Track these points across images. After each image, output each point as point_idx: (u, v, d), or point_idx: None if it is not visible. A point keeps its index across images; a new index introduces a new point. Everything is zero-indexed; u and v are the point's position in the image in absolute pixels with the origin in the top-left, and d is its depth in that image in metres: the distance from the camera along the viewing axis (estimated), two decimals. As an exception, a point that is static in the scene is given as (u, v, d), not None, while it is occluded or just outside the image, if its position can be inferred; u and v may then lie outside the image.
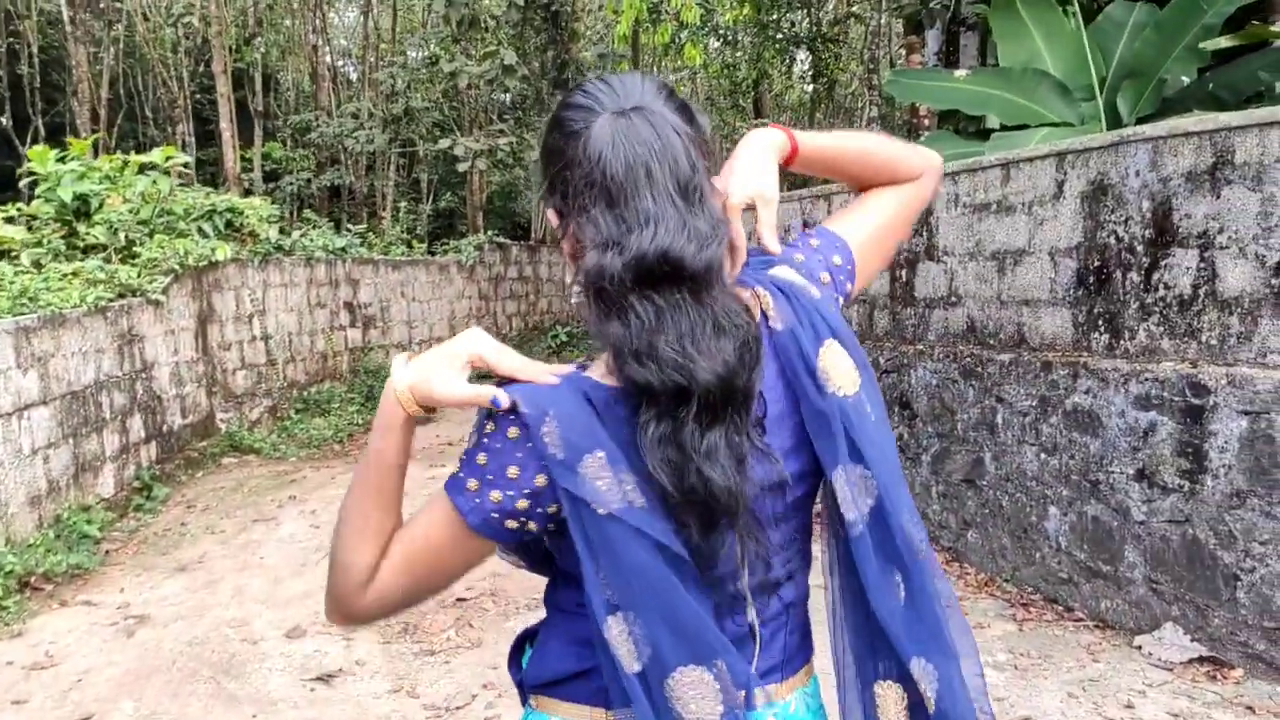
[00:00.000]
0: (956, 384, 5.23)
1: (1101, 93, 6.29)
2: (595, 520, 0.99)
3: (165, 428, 7.67)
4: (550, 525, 1.05)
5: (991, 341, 5.10)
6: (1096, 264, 4.44)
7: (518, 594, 4.76)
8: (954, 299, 5.37)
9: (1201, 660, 3.85)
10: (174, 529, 6.29)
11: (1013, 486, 4.83)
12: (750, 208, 1.16)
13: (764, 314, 1.09)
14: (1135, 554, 4.17)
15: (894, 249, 1.33)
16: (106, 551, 5.71)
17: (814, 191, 6.87)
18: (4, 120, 26.02)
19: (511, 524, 1.04)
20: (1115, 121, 6.15)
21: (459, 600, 4.75)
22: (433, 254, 14.90)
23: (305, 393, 10.52)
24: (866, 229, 1.25)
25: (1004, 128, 6.39)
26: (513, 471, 1.02)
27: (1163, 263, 4.12)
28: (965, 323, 5.29)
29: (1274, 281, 3.74)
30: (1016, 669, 3.89)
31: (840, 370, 1.07)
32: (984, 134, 6.53)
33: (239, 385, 9.38)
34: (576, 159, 1.03)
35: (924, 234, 5.58)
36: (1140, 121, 5.89)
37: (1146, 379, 4.11)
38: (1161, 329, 4.14)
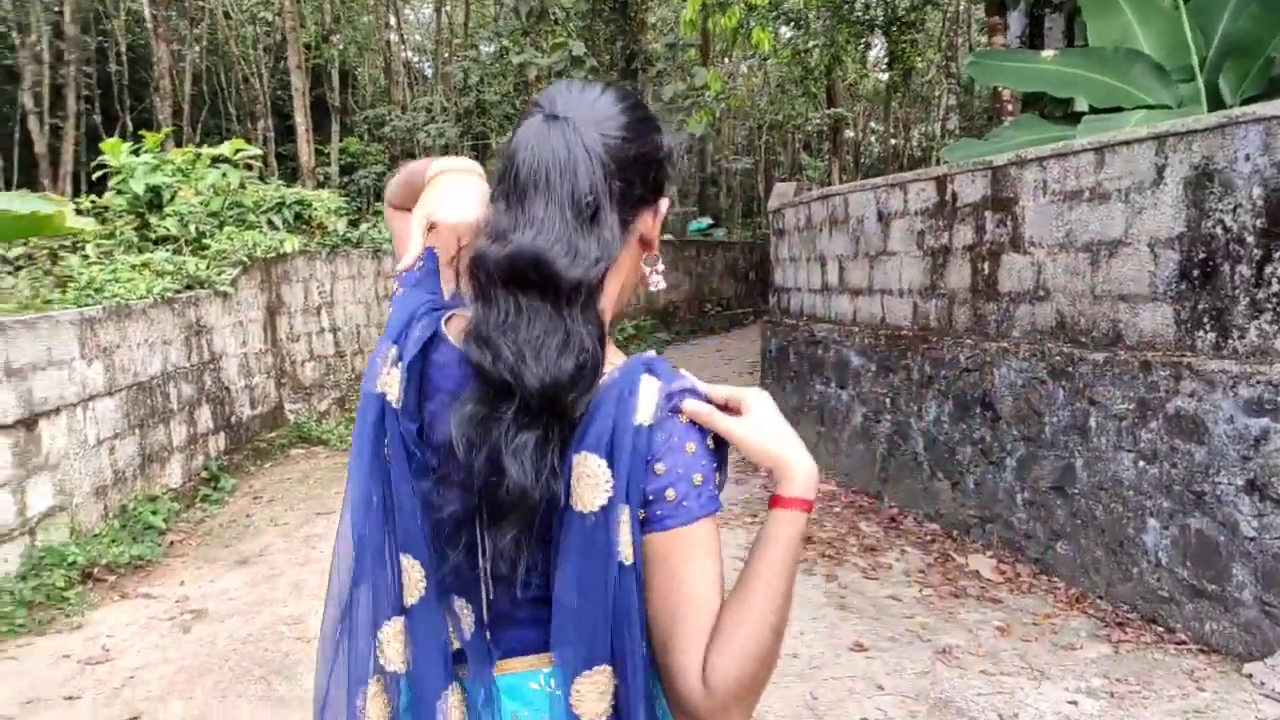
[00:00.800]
0: (1044, 384, 4.89)
1: (1202, 73, 5.85)
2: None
3: (234, 418, 7.71)
4: None
5: (1083, 339, 4.75)
6: (1201, 256, 4.08)
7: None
8: (1041, 293, 5.03)
9: (1321, 692, 3.50)
10: (239, 520, 6.28)
11: (1107, 496, 4.50)
12: None
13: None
14: (1245, 573, 3.81)
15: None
16: (170, 542, 5.71)
17: (889, 180, 6.56)
18: (95, 118, 26.85)
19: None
20: (1217, 103, 5.71)
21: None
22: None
23: (372, 385, 10.52)
24: (651, 582, 1.06)
25: (1094, 110, 5.99)
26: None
27: (1276, 255, 3.75)
28: (1054, 319, 4.95)
29: None
30: (1113, 696, 3.58)
31: (587, 484, 1.03)
32: (1073, 118, 6.14)
33: (307, 377, 9.42)
34: (503, 152, 1.10)
35: (1009, 224, 5.24)
36: (1246, 103, 5.45)
37: (1258, 382, 3.75)
38: (1275, 327, 3.77)
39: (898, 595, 4.67)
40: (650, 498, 1.03)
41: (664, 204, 1.17)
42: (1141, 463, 4.30)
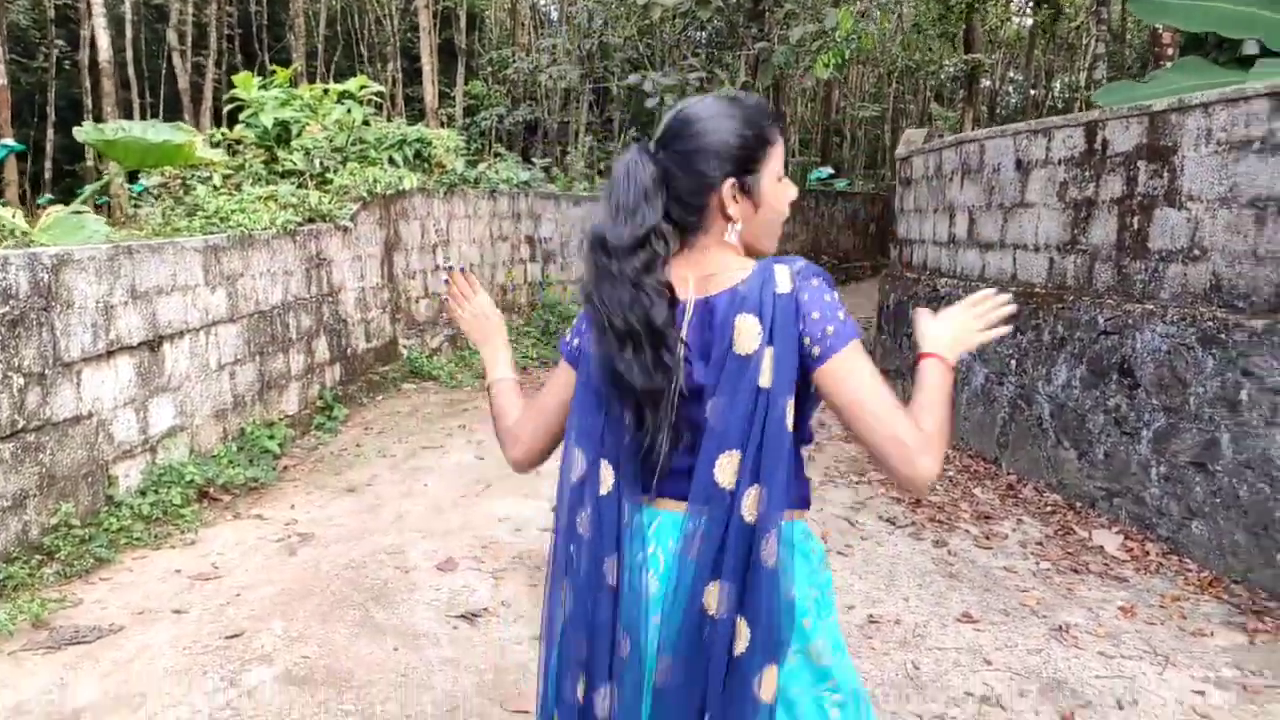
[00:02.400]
0: (1193, 351, 4.50)
1: (1403, 10, 5.21)
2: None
3: (349, 351, 7.88)
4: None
5: (1240, 304, 4.33)
6: (1392, 214, 3.62)
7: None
8: (1196, 252, 4.61)
9: None
10: (349, 450, 6.43)
11: (1254, 475, 4.11)
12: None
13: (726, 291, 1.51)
14: None
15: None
16: (284, 467, 5.88)
17: (1031, 126, 6.11)
18: (235, 57, 27.82)
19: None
20: None
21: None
22: (614, 190, 14.73)
23: (485, 324, 10.63)
24: (837, 402, 1.45)
25: (1265, 52, 5.41)
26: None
27: None
28: (1209, 280, 4.53)
29: None
30: (1245, 689, 3.28)
31: (744, 335, 1.45)
32: (1244, 62, 5.57)
33: (421, 313, 9.56)
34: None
35: (1164, 175, 4.80)
36: None
37: None
38: None
39: (1012, 567, 4.42)
40: (816, 336, 1.43)
41: (728, 184, 1.52)
42: (1299, 441, 3.90)
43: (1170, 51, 8.09)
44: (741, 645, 1.43)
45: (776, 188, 1.58)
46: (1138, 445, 4.82)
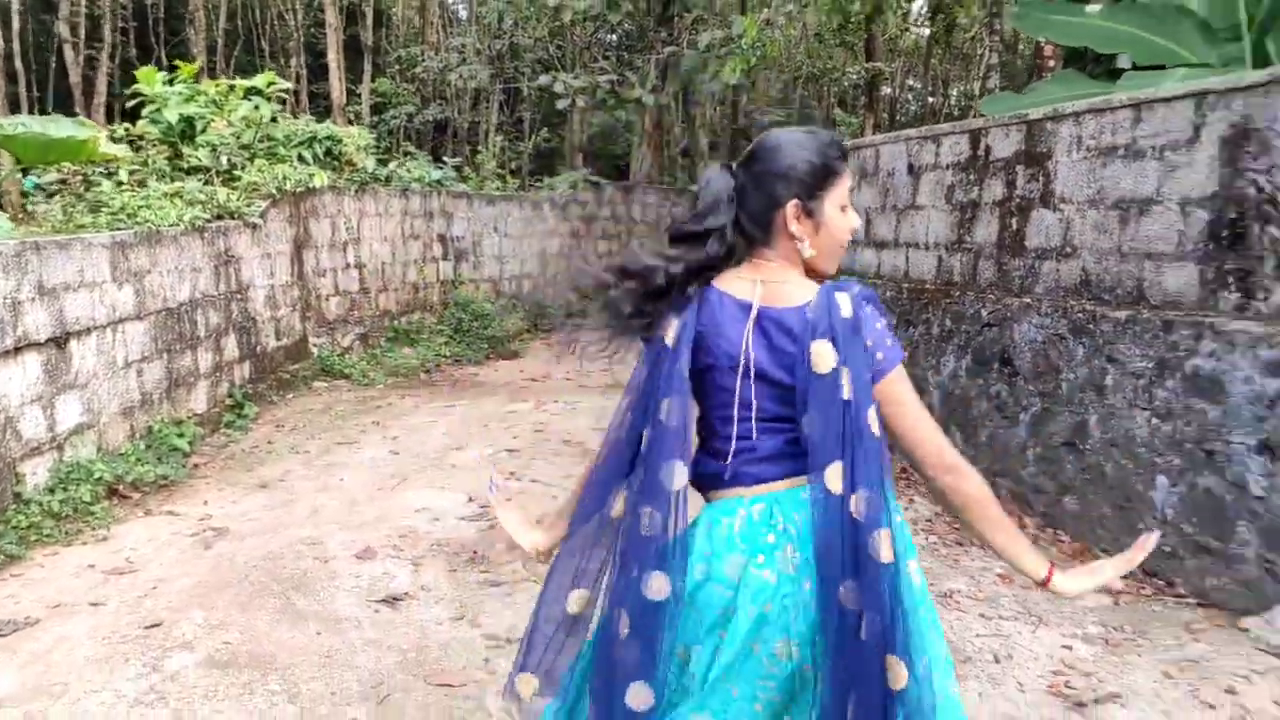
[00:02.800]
0: (1065, 340, 4.88)
1: (1250, 31, 5.72)
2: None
3: (259, 349, 7.83)
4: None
5: (1106, 297, 4.73)
6: (1232, 216, 4.03)
7: (588, 532, 4.68)
8: (1068, 250, 5.00)
9: (1318, 650, 3.53)
10: (261, 446, 6.42)
11: (1119, 452, 4.51)
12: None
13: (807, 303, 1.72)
14: (1250, 531, 3.83)
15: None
16: (194, 465, 5.86)
17: (922, 133, 6.49)
18: (129, 50, 26.87)
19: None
20: (1263, 63, 5.60)
21: (528, 534, 4.70)
22: (523, 190, 14.84)
23: (396, 322, 10.64)
24: (889, 416, 1.72)
25: (1136, 68, 5.88)
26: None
27: (1309, 215, 3.71)
28: (1079, 276, 4.92)
29: None
30: (1108, 644, 3.63)
31: (822, 357, 1.65)
32: (1116, 74, 6.03)
33: (332, 311, 9.52)
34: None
35: (1040, 180, 5.20)
36: (1292, 64, 5.34)
37: (1278, 343, 3.74)
38: (1302, 288, 3.75)
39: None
40: (870, 361, 1.65)
41: (792, 205, 1.73)
42: (1155, 420, 4.30)
43: (1052, 64, 8.65)
44: (864, 633, 1.61)
45: (839, 216, 1.77)
46: (1017, 429, 5.20)
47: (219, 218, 7.20)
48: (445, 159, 14.30)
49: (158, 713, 3.00)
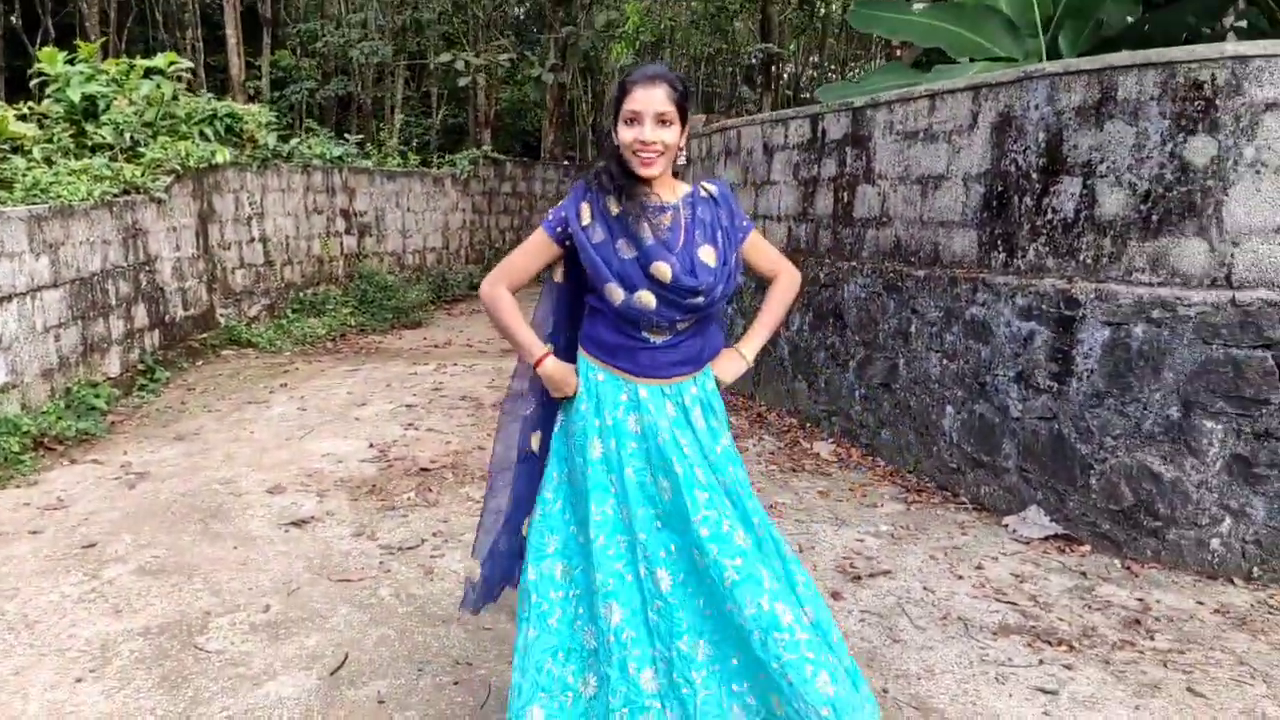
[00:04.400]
0: (881, 297, 5.75)
1: (1045, 31, 6.66)
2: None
3: (168, 318, 8.26)
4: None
5: (913, 259, 5.60)
6: (1000, 189, 4.92)
7: (476, 468, 5.38)
8: (885, 219, 5.86)
9: (1056, 537, 4.45)
10: (174, 406, 6.91)
11: (919, 389, 5.39)
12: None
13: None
14: (1010, 446, 4.74)
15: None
16: (112, 422, 6.33)
17: (772, 117, 7.29)
18: (14, 20, 26.09)
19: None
20: (1056, 57, 6.53)
21: (422, 470, 5.37)
22: (426, 165, 15.27)
23: (301, 294, 11.08)
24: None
25: (946, 60, 6.77)
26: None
27: (1052, 189, 4.60)
28: (893, 241, 5.78)
29: (1142, 208, 4.22)
30: (893, 537, 4.50)
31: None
32: (928, 67, 6.92)
33: (238, 283, 9.94)
34: None
35: (864, 159, 6.04)
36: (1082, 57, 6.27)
37: (1030, 293, 4.63)
38: (1047, 249, 4.64)
39: (747, 470, 5.54)
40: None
41: (611, 119, 2.26)
42: (945, 360, 5.19)
43: (899, 53, 9.55)
44: None
45: (623, 127, 2.19)
46: (846, 374, 6.07)
47: (125, 193, 7.59)
48: (348, 135, 14.64)
49: (100, 606, 3.60)
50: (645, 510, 2.28)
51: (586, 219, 2.27)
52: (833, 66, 34.68)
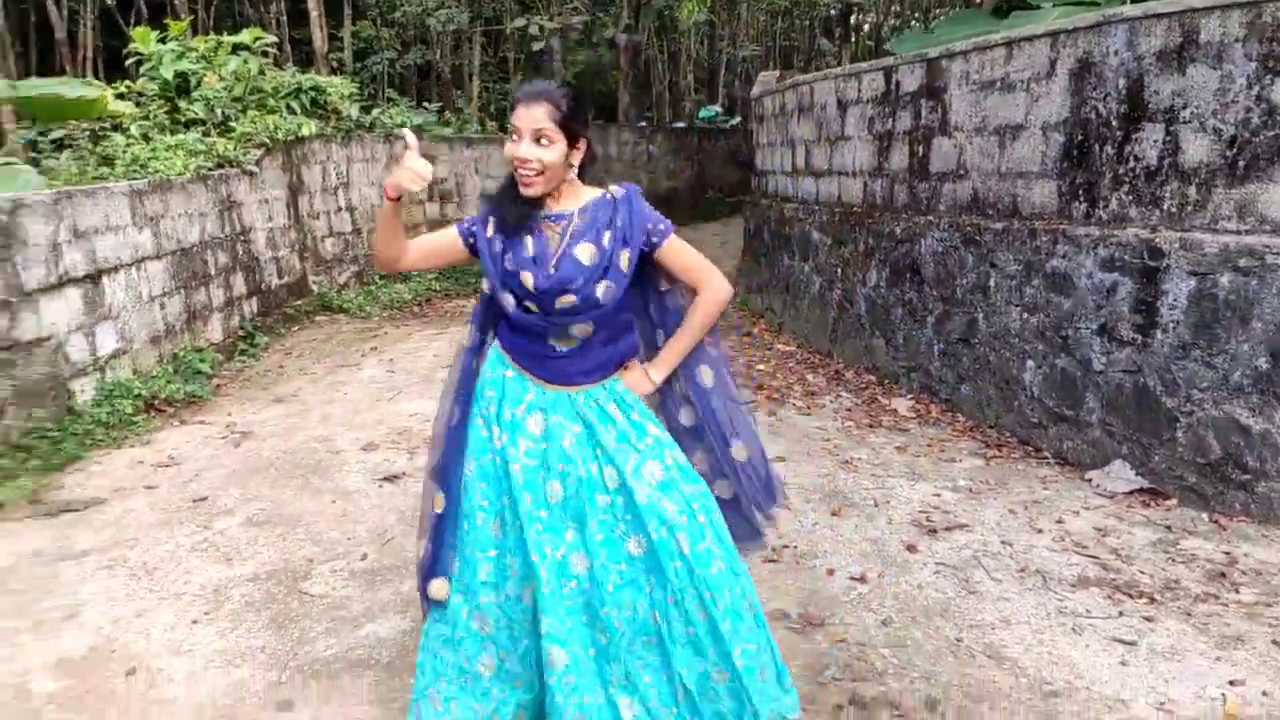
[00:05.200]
0: (959, 250, 5.69)
1: (1133, -30, 6.41)
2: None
3: (264, 286, 8.61)
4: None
5: (990, 212, 5.52)
6: (1080, 138, 4.81)
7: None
8: (962, 172, 5.77)
9: (1141, 491, 4.40)
10: (273, 370, 7.25)
11: (999, 343, 5.35)
12: None
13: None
14: (1094, 400, 4.69)
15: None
16: (216, 385, 6.68)
17: (846, 70, 7.20)
18: (109, 1, 27.00)
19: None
20: (1137, 1, 6.29)
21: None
22: (505, 132, 15.42)
23: (387, 261, 11.38)
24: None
25: (1019, 6, 6.59)
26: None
27: (1134, 136, 4.49)
28: (970, 194, 5.71)
29: (1228, 154, 4.10)
30: (970, 491, 4.51)
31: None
32: (1005, 13, 6.75)
33: (328, 251, 10.28)
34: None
35: (939, 111, 5.95)
36: None
37: (1112, 243, 4.55)
38: (1130, 198, 4.54)
39: (824, 426, 5.59)
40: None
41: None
42: (1025, 314, 5.13)
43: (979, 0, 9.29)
44: None
45: (507, 142, 2.21)
46: (924, 330, 6.03)
47: (219, 166, 7.92)
48: (427, 104, 14.88)
49: (212, 555, 3.87)
50: (529, 509, 2.28)
51: (491, 230, 2.31)
52: (915, 15, 33.73)
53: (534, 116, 2.16)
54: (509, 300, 2.29)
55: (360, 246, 10.95)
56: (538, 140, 2.16)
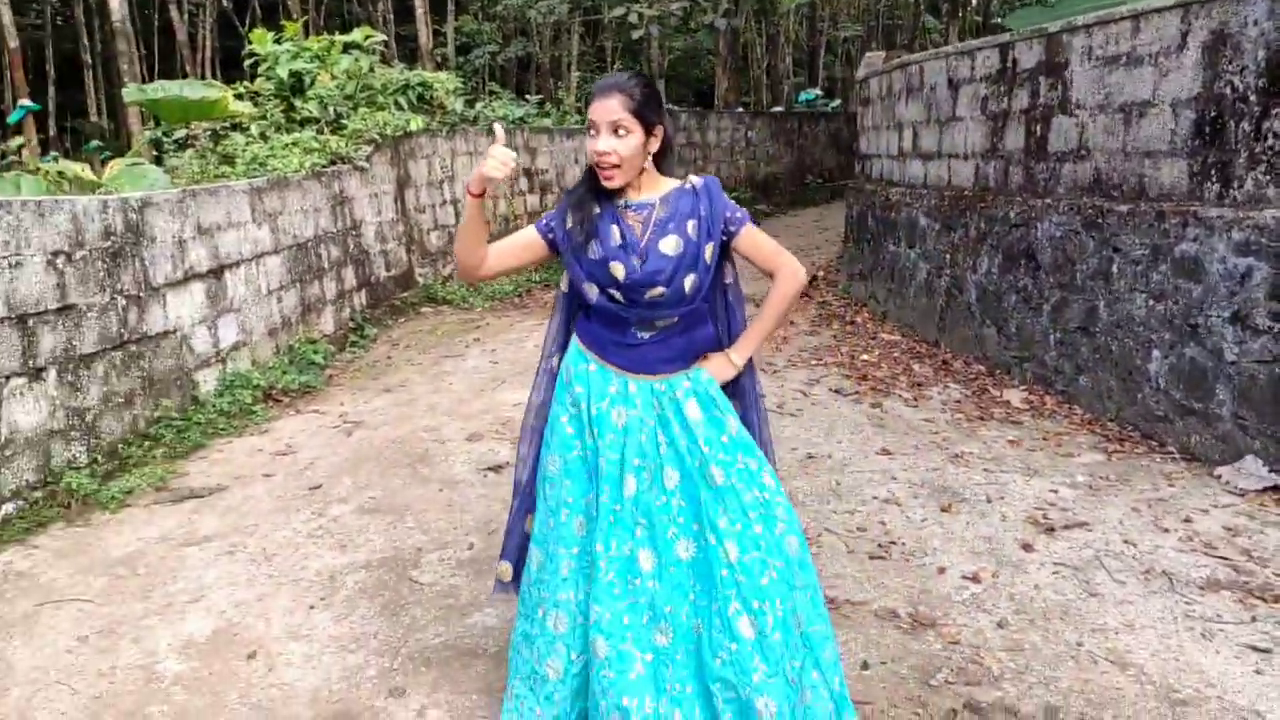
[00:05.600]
0: (1079, 235, 5.44)
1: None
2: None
3: (373, 278, 8.86)
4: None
5: (1114, 193, 5.26)
6: (1213, 114, 4.53)
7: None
8: (1083, 152, 5.51)
9: (1276, 489, 4.14)
10: (381, 361, 7.45)
11: (1122, 332, 5.09)
12: None
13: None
14: (1225, 392, 4.42)
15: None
16: (329, 376, 6.90)
17: (958, 49, 6.95)
18: (225, 3, 28.17)
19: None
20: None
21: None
22: (606, 121, 15.45)
23: (490, 252, 11.56)
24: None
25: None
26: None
27: (1273, 112, 4.20)
28: (1092, 175, 5.44)
29: (1382, 127, 3.80)
30: (1090, 488, 4.31)
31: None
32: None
33: (433, 244, 10.50)
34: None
35: (1059, 88, 5.69)
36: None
37: (1247, 226, 4.27)
38: (1268, 177, 4.25)
39: (931, 419, 5.43)
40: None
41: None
42: (1151, 301, 4.87)
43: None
44: None
45: (588, 139, 2.25)
46: (1040, 318, 5.80)
47: (332, 163, 8.16)
48: (528, 96, 15.05)
49: (326, 542, 3.99)
50: (606, 502, 2.30)
51: (570, 222, 2.32)
52: (1025, -11, 32.41)
53: (608, 109, 2.19)
54: (593, 290, 2.31)
55: (464, 238, 11.13)
56: (615, 131, 2.19)
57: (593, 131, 2.21)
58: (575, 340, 2.44)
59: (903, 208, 7.85)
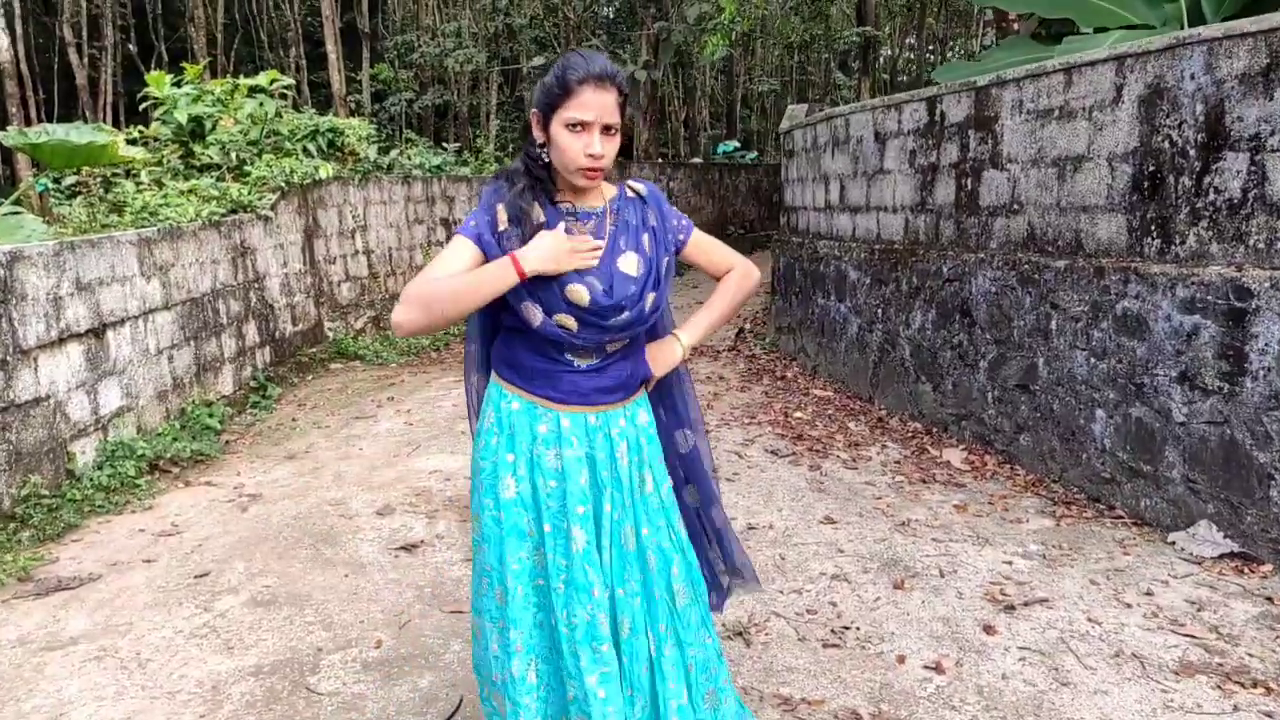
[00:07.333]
0: (1014, 291, 5.31)
1: (1186, -8, 6.08)
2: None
3: (278, 334, 8.32)
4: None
5: (1049, 249, 5.14)
6: (1151, 169, 4.44)
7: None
8: (1016, 207, 5.41)
9: (1232, 556, 3.98)
10: (285, 424, 6.92)
11: (1063, 390, 4.94)
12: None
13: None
14: (1175, 454, 4.27)
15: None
16: (226, 441, 6.36)
17: (885, 101, 6.88)
18: (131, 47, 27.27)
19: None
20: (1199, 22, 5.95)
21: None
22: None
23: (405, 304, 11.10)
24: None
25: (1070, 32, 6.25)
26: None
27: (1214, 166, 4.11)
28: (1025, 230, 5.33)
29: (1325, 183, 3.72)
30: (1045, 558, 4.09)
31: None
32: (1057, 38, 6.40)
33: (344, 296, 10.00)
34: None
35: (989, 141, 5.59)
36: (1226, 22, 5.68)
37: (1192, 283, 4.15)
38: (1210, 233, 4.16)
39: (872, 481, 5.19)
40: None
41: (533, 113, 1.95)
42: (1093, 359, 4.73)
43: (1016, 27, 8.97)
44: None
45: (565, 134, 1.86)
46: (977, 375, 5.64)
47: (233, 212, 7.66)
48: (445, 144, 14.71)
49: (211, 643, 3.50)
50: (557, 558, 2.03)
51: (503, 225, 1.94)
52: (931, 47, 33.55)
53: (608, 106, 1.86)
54: (536, 315, 1.94)
55: (377, 290, 10.67)
56: (606, 132, 1.87)
57: (578, 129, 1.85)
58: (494, 377, 2.12)
59: (831, 261, 7.70)
